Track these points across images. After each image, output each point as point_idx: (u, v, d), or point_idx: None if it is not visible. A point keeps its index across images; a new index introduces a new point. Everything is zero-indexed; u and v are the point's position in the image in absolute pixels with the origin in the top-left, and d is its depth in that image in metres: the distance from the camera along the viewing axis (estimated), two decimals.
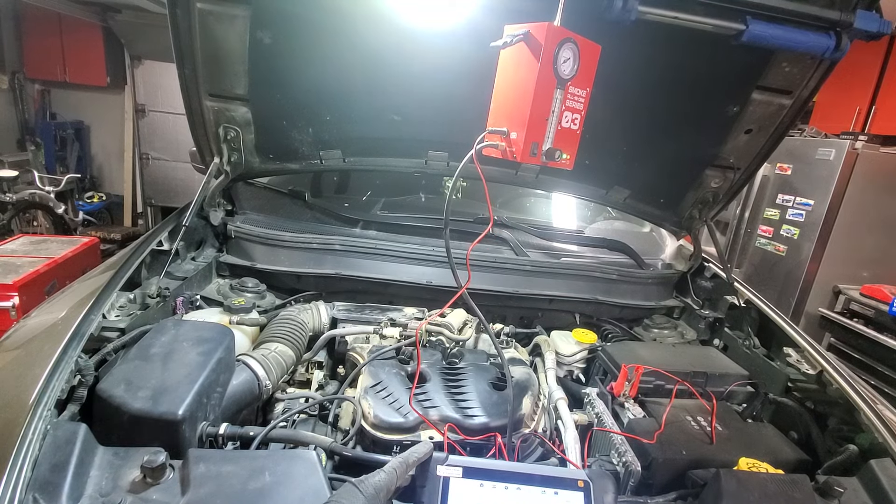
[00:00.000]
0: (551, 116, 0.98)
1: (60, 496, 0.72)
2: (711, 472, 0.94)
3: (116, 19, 5.67)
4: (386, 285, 1.62)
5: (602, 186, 1.92)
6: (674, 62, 1.40)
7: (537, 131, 0.97)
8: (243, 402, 1.12)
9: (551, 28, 0.92)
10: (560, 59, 0.93)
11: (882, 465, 0.99)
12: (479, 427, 1.05)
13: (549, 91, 0.95)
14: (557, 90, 0.96)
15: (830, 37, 1.14)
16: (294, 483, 0.79)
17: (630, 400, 1.22)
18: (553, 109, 0.97)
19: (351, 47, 1.43)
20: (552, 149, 0.98)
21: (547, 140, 0.99)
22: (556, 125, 0.99)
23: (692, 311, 1.78)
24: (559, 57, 0.93)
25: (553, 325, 1.69)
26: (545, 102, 0.96)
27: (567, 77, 0.95)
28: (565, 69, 0.95)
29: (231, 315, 1.37)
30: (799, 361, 1.41)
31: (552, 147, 0.99)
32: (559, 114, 0.98)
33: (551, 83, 0.95)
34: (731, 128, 1.54)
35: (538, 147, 0.98)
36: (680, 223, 1.90)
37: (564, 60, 0.94)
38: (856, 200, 3.49)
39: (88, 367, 0.98)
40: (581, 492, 0.83)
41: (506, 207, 2.48)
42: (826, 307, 3.63)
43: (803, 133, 3.90)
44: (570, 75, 0.96)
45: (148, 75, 6.15)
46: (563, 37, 0.93)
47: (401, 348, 1.31)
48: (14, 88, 5.86)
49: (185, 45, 1.35)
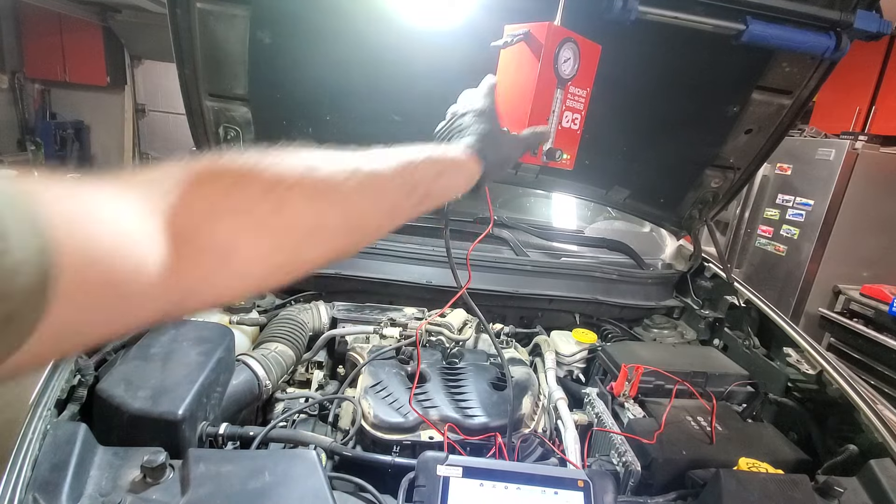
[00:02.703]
0: (552, 116, 0.97)
1: (60, 496, 0.72)
2: (711, 472, 0.94)
3: (116, 19, 5.68)
4: (386, 285, 1.62)
5: (602, 186, 1.92)
6: (674, 62, 1.40)
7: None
8: (243, 402, 1.12)
9: (552, 28, 0.92)
10: (561, 58, 0.93)
11: (882, 465, 0.99)
12: (479, 427, 1.05)
13: (549, 91, 0.95)
14: (558, 90, 0.96)
15: (830, 37, 1.14)
16: (294, 483, 0.79)
17: (630, 400, 1.22)
18: (554, 109, 0.97)
19: (351, 47, 1.43)
20: (553, 149, 0.98)
21: (548, 140, 0.99)
22: (556, 125, 0.98)
23: (692, 311, 1.79)
24: (560, 57, 0.93)
25: (553, 325, 1.69)
26: (546, 103, 0.95)
27: (568, 77, 0.95)
28: (566, 69, 0.94)
29: (231, 315, 1.37)
30: (799, 361, 1.41)
31: (552, 147, 0.98)
32: (560, 114, 0.98)
33: (552, 83, 0.95)
34: (731, 128, 1.54)
35: (538, 147, 0.98)
36: (680, 223, 1.90)
37: (565, 60, 0.94)
38: (856, 200, 3.49)
39: (88, 367, 0.98)
40: (581, 492, 0.83)
41: (506, 207, 2.49)
42: (826, 307, 3.63)
43: (803, 133, 3.90)
44: (571, 75, 0.95)
45: (148, 75, 6.16)
46: (563, 36, 0.93)
47: (401, 348, 1.32)
48: (14, 88, 5.87)
49: (185, 45, 1.35)
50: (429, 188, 0.67)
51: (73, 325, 0.36)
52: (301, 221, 0.53)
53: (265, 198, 0.50)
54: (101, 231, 0.37)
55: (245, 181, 0.50)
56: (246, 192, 0.49)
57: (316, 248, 0.56)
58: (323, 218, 0.55)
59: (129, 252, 0.39)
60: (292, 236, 0.52)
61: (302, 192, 0.52)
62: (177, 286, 0.44)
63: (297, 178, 0.52)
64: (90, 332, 0.39)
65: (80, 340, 0.39)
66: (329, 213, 0.55)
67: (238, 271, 0.49)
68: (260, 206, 0.49)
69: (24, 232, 0.30)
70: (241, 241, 0.48)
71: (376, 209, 0.61)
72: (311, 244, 0.55)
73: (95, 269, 0.36)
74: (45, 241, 0.31)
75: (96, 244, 0.36)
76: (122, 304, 0.40)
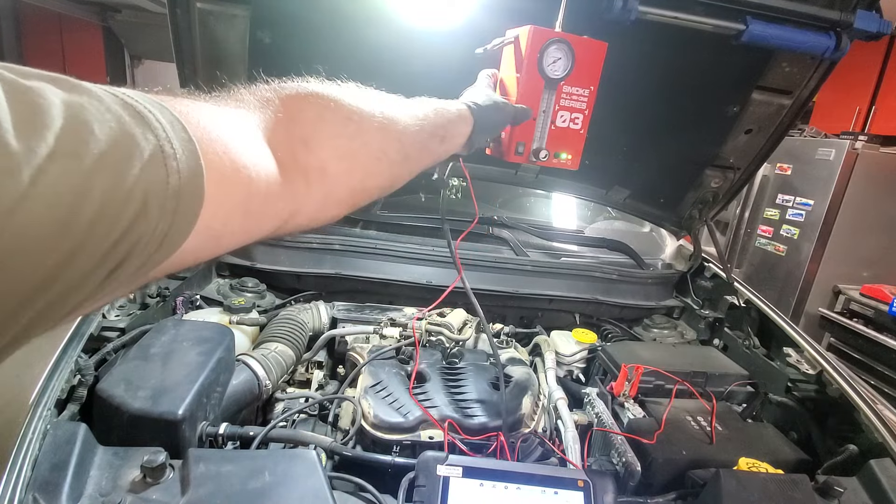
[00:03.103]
0: (541, 117, 0.98)
1: (60, 496, 0.72)
2: (711, 472, 0.94)
3: (116, 19, 5.68)
4: (386, 285, 1.62)
5: (602, 186, 1.92)
6: (674, 62, 1.40)
7: (523, 132, 0.98)
8: (243, 402, 1.12)
9: (534, 31, 0.93)
10: (547, 59, 0.93)
11: (882, 465, 0.99)
12: (479, 427, 1.05)
13: (535, 93, 0.95)
14: (547, 91, 0.96)
15: (830, 37, 1.14)
16: (294, 483, 0.79)
17: (630, 400, 1.22)
18: (544, 110, 0.97)
19: (351, 47, 1.43)
20: (538, 148, 0.98)
21: (536, 140, 0.99)
22: (547, 125, 0.98)
23: (692, 311, 1.79)
24: (545, 58, 0.93)
25: (553, 325, 1.69)
26: (530, 104, 0.96)
27: (558, 77, 0.95)
28: (555, 69, 0.94)
29: (231, 315, 1.37)
30: (799, 361, 1.41)
31: (540, 147, 0.99)
32: (552, 113, 0.98)
33: (538, 84, 0.95)
34: (731, 128, 1.54)
35: (525, 147, 0.99)
36: (680, 223, 1.90)
37: (554, 61, 0.94)
38: (856, 200, 3.49)
39: (88, 367, 0.98)
40: (581, 492, 0.83)
41: (506, 207, 2.49)
42: (826, 307, 3.63)
43: (803, 133, 3.90)
44: (562, 75, 0.95)
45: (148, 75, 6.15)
46: (548, 38, 0.93)
47: (401, 348, 1.32)
48: None
49: (185, 45, 1.35)
50: (446, 132, 0.77)
51: (215, 238, 0.41)
52: (371, 148, 0.60)
53: (347, 125, 0.57)
54: (239, 148, 0.42)
55: (331, 110, 0.56)
56: (333, 120, 0.56)
57: (380, 175, 0.64)
58: (387, 146, 0.63)
59: (261, 165, 0.45)
60: (364, 161, 0.60)
61: (373, 123, 0.60)
62: (289, 205, 0.50)
63: (369, 110, 0.60)
64: (225, 245, 0.44)
65: (217, 250, 0.43)
66: (391, 143, 0.63)
67: (328, 191, 0.56)
68: (343, 132, 0.57)
69: (186, 148, 0.35)
70: (330, 162, 0.55)
71: (420, 144, 0.70)
72: (377, 170, 0.63)
73: (237, 177, 0.41)
74: (200, 159, 0.36)
75: (239, 160, 0.41)
76: (253, 219, 0.45)
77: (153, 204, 0.32)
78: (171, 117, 0.35)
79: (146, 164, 0.31)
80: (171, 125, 0.34)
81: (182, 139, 0.35)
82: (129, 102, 0.33)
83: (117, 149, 0.30)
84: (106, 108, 0.31)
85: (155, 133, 0.33)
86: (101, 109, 0.30)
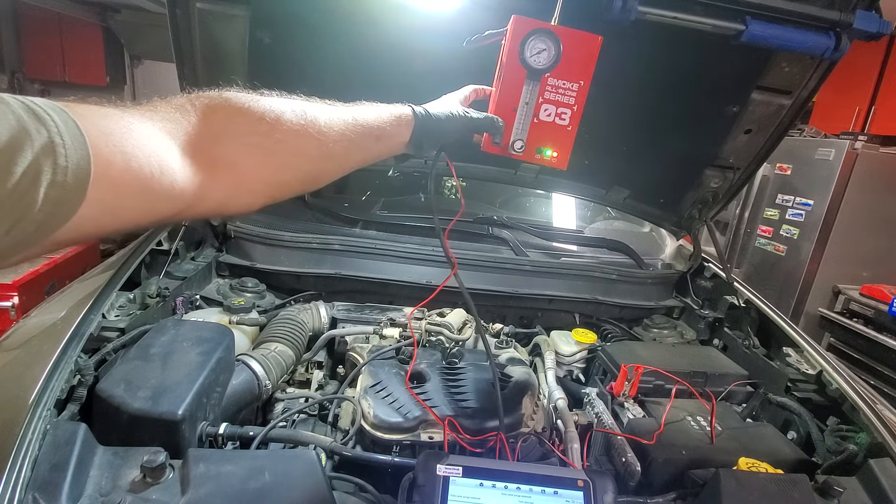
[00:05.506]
0: (522, 108, 0.97)
1: (60, 496, 0.72)
2: (711, 472, 0.94)
3: (116, 19, 5.67)
4: (386, 285, 1.62)
5: (602, 186, 1.92)
6: (674, 62, 1.40)
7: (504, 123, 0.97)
8: (243, 402, 1.12)
9: (517, 20, 0.92)
10: (529, 49, 0.93)
11: (882, 465, 0.99)
12: (479, 427, 1.05)
13: (516, 83, 0.95)
14: (529, 82, 0.95)
15: (830, 37, 1.14)
16: (294, 483, 0.79)
17: (630, 400, 1.23)
18: (527, 101, 0.96)
19: (351, 47, 1.43)
20: (516, 140, 0.98)
21: (516, 132, 0.98)
22: (529, 118, 0.97)
23: (692, 311, 1.79)
24: (527, 48, 0.92)
25: (553, 325, 1.69)
26: (511, 94, 0.95)
27: (542, 68, 0.94)
28: (539, 60, 0.93)
29: (231, 315, 1.37)
30: (798, 361, 1.41)
31: (519, 139, 0.97)
32: (535, 106, 0.97)
33: (519, 74, 0.94)
34: (730, 128, 1.54)
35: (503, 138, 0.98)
36: (680, 223, 1.90)
37: (538, 52, 0.93)
38: (856, 200, 3.49)
39: (88, 367, 0.98)
40: (581, 492, 0.83)
41: (505, 207, 2.49)
42: (826, 307, 3.63)
43: (803, 133, 3.90)
44: (546, 66, 0.94)
45: (148, 75, 6.15)
46: (531, 28, 0.92)
47: (401, 348, 1.32)
48: (14, 88, 5.85)
49: (185, 45, 1.35)
50: (382, 132, 0.80)
51: (109, 210, 0.48)
52: (287, 145, 0.66)
53: (259, 124, 0.63)
54: (132, 141, 0.49)
55: (243, 111, 0.63)
56: (244, 120, 0.62)
57: (297, 169, 0.70)
58: (304, 142, 0.68)
59: (154, 158, 0.51)
60: (281, 157, 0.66)
61: (289, 122, 0.66)
62: (191, 191, 0.56)
63: (286, 111, 0.66)
64: (123, 217, 0.51)
65: (116, 222, 0.51)
66: (309, 140, 0.68)
67: (239, 182, 0.63)
68: (255, 130, 0.63)
69: (75, 139, 0.43)
70: (240, 156, 0.62)
71: (347, 141, 0.74)
72: (294, 164, 0.69)
73: (125, 167, 0.48)
74: (87, 147, 0.44)
75: (129, 150, 0.48)
76: (147, 198, 0.52)
77: (44, 180, 0.40)
78: (66, 117, 0.43)
79: (38, 151, 0.40)
80: (65, 123, 0.42)
81: (73, 133, 0.43)
82: (31, 107, 0.41)
83: (13, 140, 0.39)
84: (11, 111, 0.40)
85: (47, 128, 0.41)
86: (7, 112, 0.39)
